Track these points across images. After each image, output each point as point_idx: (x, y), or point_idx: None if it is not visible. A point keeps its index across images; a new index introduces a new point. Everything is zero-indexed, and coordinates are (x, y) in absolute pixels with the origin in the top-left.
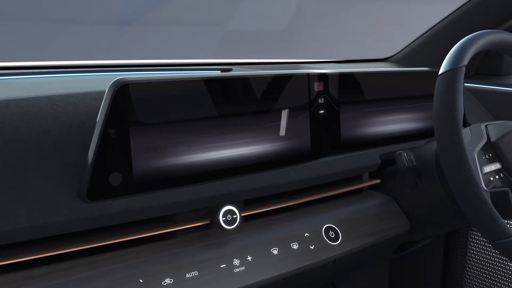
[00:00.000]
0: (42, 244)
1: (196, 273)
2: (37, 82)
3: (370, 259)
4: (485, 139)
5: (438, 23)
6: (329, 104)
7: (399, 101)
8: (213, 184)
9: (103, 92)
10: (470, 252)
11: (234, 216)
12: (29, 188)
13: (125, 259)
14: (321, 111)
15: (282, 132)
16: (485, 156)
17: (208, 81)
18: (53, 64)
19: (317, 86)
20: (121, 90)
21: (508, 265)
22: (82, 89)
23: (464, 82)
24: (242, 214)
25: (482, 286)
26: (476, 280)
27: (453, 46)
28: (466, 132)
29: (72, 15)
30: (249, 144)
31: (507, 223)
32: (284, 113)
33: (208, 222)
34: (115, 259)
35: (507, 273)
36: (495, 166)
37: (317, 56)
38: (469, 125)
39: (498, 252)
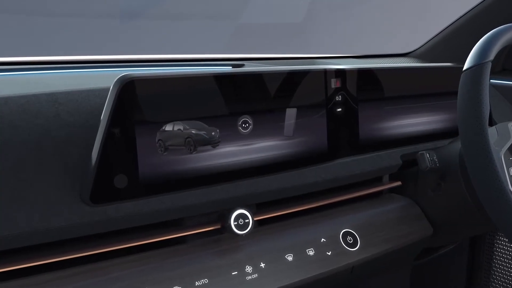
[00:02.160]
0: (44, 250)
1: (206, 280)
2: (37, 78)
3: (390, 266)
4: None
5: (463, 15)
6: (347, 102)
7: (421, 98)
8: (224, 187)
9: (107, 89)
10: (496, 259)
11: (246, 221)
12: (29, 190)
13: (131, 265)
14: (339, 109)
15: (297, 131)
16: None
17: (218, 77)
18: (54, 60)
19: (334, 83)
20: (127, 86)
21: None
22: (85, 86)
23: (490, 79)
24: (255, 218)
25: None
26: None
27: (478, 40)
28: (492, 131)
29: (75, 8)
30: (263, 144)
31: None
32: (300, 111)
33: (218, 226)
34: (121, 266)
35: None
36: None
37: (334, 51)
38: (495, 123)
39: None
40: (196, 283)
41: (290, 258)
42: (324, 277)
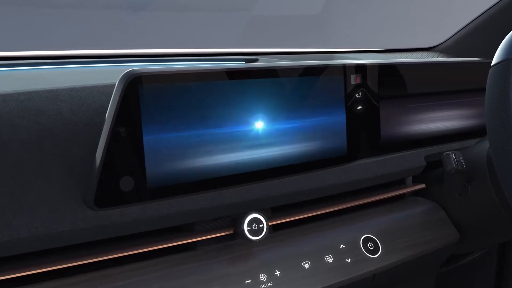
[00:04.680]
0: (45, 257)
1: None
2: (38, 74)
3: (413, 274)
4: None
5: (492, 7)
6: (367, 99)
7: (446, 95)
8: (236, 190)
9: (112, 86)
10: None
11: (260, 226)
12: (29, 193)
13: (138, 273)
14: (359, 107)
15: (315, 130)
16: None
17: (231, 73)
18: (56, 54)
19: (354, 79)
20: (133, 83)
21: None
22: (88, 82)
23: None
24: (270, 223)
25: None
26: None
27: (508, 33)
28: None
29: None
30: (277, 145)
31: None
32: (317, 110)
33: (231, 232)
34: (127, 273)
35: None
36: None
37: (354, 45)
38: None
39: None
40: None
41: (307, 265)
42: (344, 285)
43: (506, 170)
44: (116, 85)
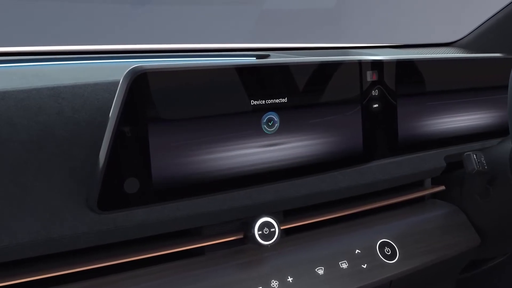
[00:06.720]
0: (46, 262)
1: None
2: (38, 70)
3: (432, 280)
4: None
5: None
6: (384, 97)
7: (467, 93)
8: (247, 192)
9: (116, 83)
10: None
11: (272, 230)
12: (29, 196)
13: (144, 279)
14: (375, 105)
15: (329, 130)
16: None
17: (241, 69)
18: (57, 50)
19: (370, 76)
20: (138, 80)
21: None
22: (91, 79)
23: None
24: (282, 227)
25: None
26: None
27: None
28: None
29: None
30: (290, 145)
31: None
32: (331, 108)
33: (241, 236)
34: (132, 280)
35: None
36: None
37: (370, 40)
38: None
39: None
40: None
41: (321, 271)
42: None
43: None
44: (120, 82)
